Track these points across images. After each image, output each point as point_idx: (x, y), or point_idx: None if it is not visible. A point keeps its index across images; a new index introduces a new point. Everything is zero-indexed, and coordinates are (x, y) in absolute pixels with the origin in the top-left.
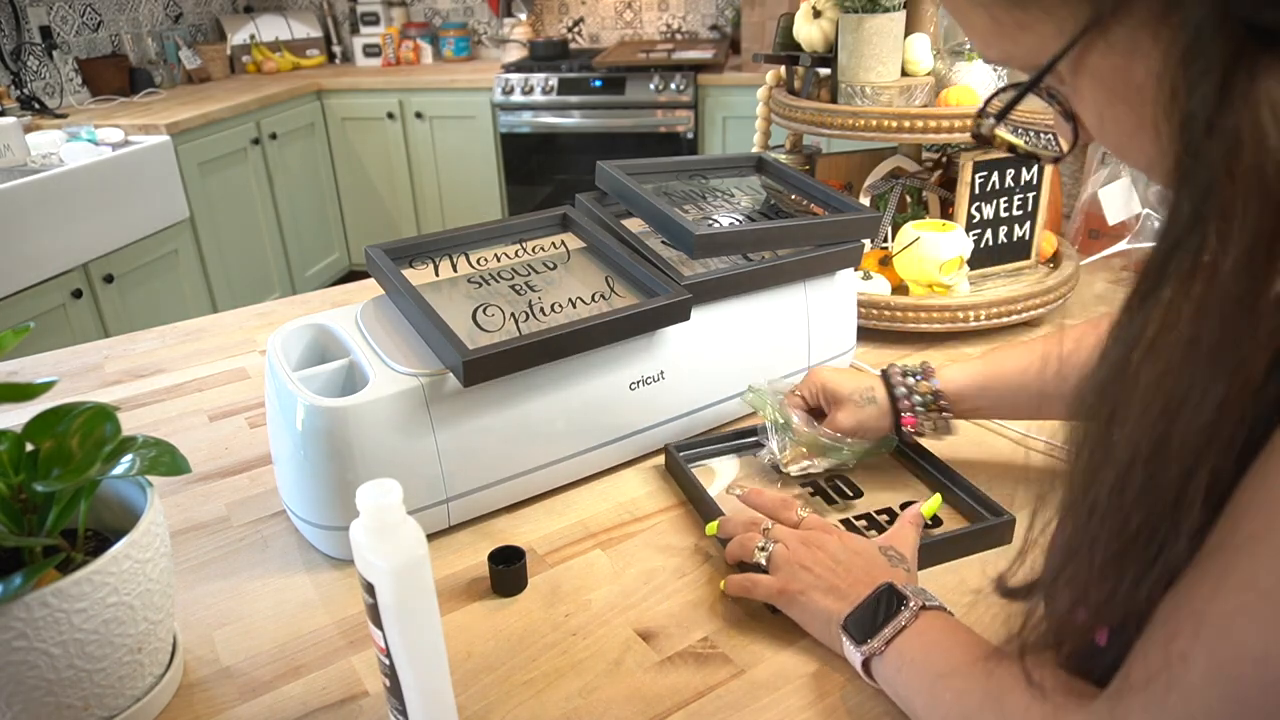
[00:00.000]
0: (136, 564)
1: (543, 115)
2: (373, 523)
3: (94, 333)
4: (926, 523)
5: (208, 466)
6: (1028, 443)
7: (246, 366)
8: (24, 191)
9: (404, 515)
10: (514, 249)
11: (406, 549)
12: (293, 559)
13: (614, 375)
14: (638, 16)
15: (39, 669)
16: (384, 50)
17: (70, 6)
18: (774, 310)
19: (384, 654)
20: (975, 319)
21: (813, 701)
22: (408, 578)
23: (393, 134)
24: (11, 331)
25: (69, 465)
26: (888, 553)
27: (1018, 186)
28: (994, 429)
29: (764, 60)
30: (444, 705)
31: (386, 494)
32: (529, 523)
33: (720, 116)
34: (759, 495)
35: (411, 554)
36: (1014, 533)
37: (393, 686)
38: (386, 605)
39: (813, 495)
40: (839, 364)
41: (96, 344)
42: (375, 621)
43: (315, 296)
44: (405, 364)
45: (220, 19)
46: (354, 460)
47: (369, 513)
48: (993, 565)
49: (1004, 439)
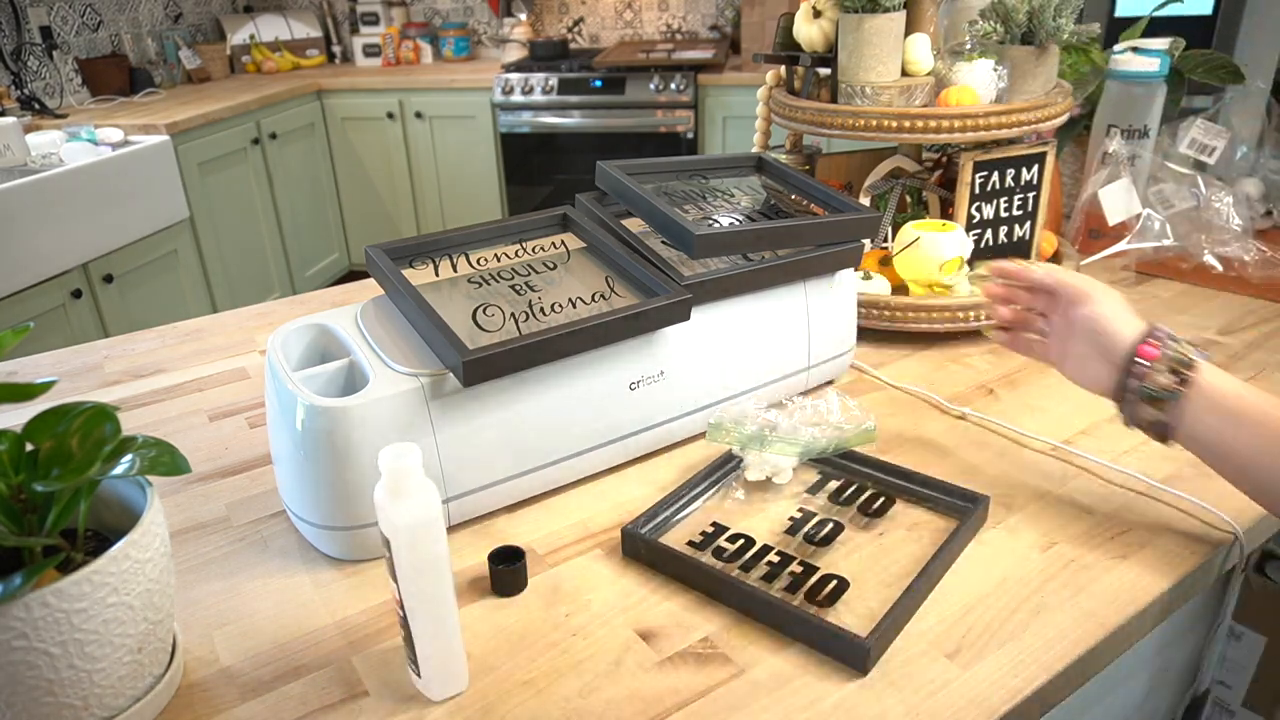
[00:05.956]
0: (136, 564)
1: (543, 115)
2: (392, 483)
3: (94, 333)
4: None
5: (208, 466)
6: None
7: (246, 366)
8: (24, 191)
9: (422, 479)
10: (514, 249)
11: (420, 509)
12: (293, 559)
13: (614, 375)
14: (638, 16)
15: (39, 669)
16: (384, 50)
17: (70, 6)
18: (774, 310)
19: (399, 605)
20: (975, 319)
21: (813, 701)
22: (421, 535)
23: (393, 134)
24: (11, 331)
25: (69, 465)
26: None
27: (1018, 186)
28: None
29: (764, 60)
30: (454, 654)
31: (404, 457)
32: (529, 523)
33: (720, 116)
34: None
35: (425, 514)
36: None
37: (406, 636)
38: (401, 560)
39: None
40: (839, 364)
41: (96, 344)
42: (392, 575)
43: (315, 296)
44: (405, 364)
45: (220, 19)
46: (354, 460)
47: (389, 474)
48: (996, 565)
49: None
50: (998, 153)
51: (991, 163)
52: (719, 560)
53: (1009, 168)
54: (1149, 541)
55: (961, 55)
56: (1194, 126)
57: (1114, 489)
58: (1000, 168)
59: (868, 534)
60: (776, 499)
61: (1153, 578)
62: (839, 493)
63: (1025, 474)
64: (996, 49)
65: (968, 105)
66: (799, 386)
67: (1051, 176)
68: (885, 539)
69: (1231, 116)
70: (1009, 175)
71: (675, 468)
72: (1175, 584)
